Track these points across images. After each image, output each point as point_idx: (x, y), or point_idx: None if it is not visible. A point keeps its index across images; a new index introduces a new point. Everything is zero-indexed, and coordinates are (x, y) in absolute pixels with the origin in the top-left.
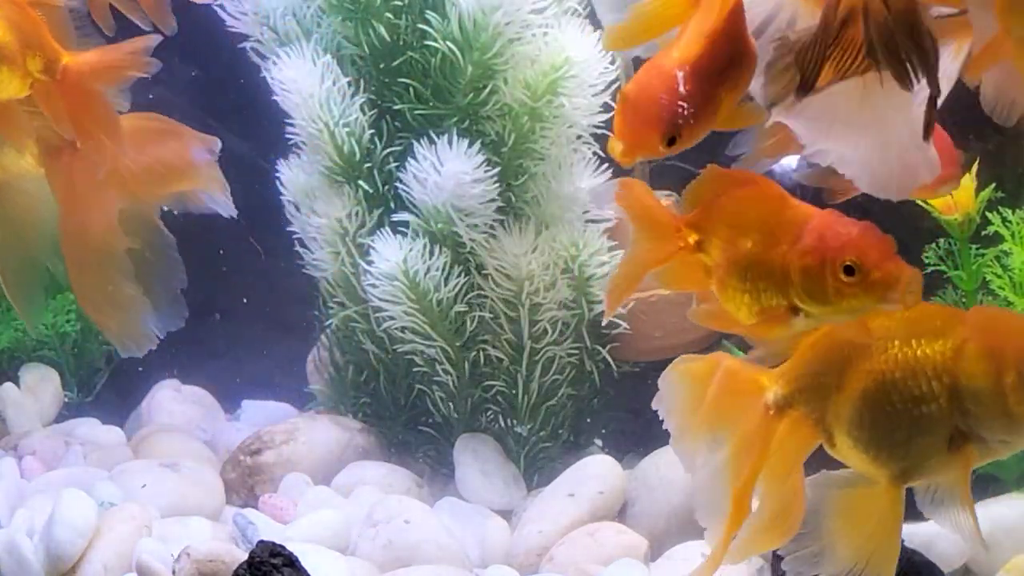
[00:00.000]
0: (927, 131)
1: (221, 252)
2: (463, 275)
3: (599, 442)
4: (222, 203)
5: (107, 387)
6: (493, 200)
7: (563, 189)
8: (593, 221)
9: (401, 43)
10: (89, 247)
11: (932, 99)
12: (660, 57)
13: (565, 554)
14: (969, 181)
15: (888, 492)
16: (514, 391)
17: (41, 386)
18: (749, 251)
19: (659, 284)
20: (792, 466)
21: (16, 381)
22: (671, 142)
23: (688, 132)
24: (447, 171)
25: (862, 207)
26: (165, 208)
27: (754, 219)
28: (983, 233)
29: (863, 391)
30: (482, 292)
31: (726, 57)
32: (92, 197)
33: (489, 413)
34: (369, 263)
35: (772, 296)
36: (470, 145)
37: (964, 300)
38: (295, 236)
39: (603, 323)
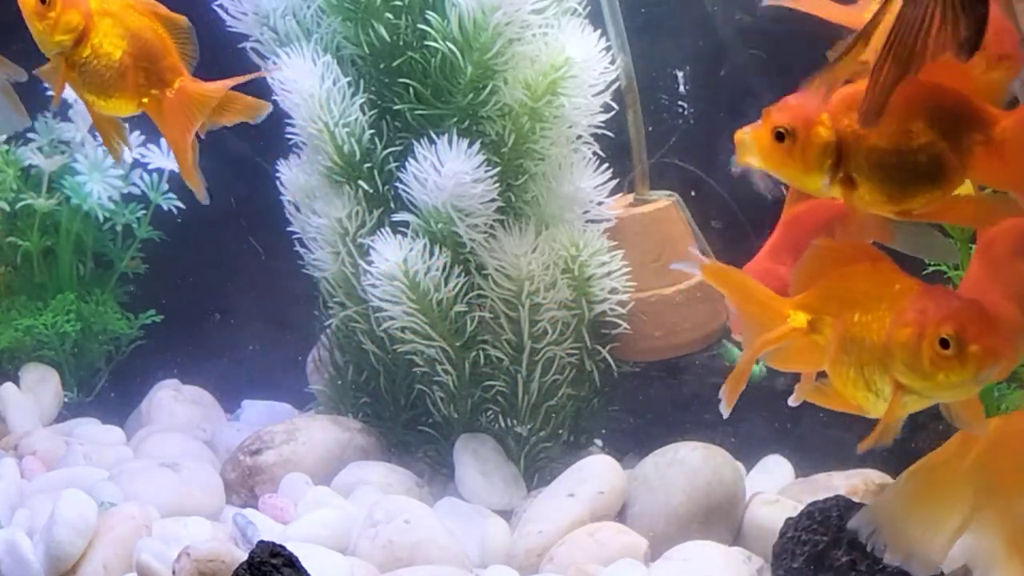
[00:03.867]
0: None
1: (221, 251)
2: (463, 275)
3: (599, 442)
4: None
5: (107, 387)
6: (493, 200)
7: (563, 189)
8: (593, 221)
9: (401, 43)
10: None
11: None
12: None
13: (565, 554)
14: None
15: None
16: (514, 391)
17: (41, 386)
18: (856, 327)
19: (773, 365)
20: None
21: (16, 381)
22: None
23: None
24: (447, 171)
25: None
26: (165, 208)
27: (862, 295)
28: None
29: None
30: (482, 292)
31: None
32: None
33: (489, 413)
34: (369, 263)
35: (876, 372)
36: (470, 145)
37: None
38: (295, 236)
39: (603, 323)
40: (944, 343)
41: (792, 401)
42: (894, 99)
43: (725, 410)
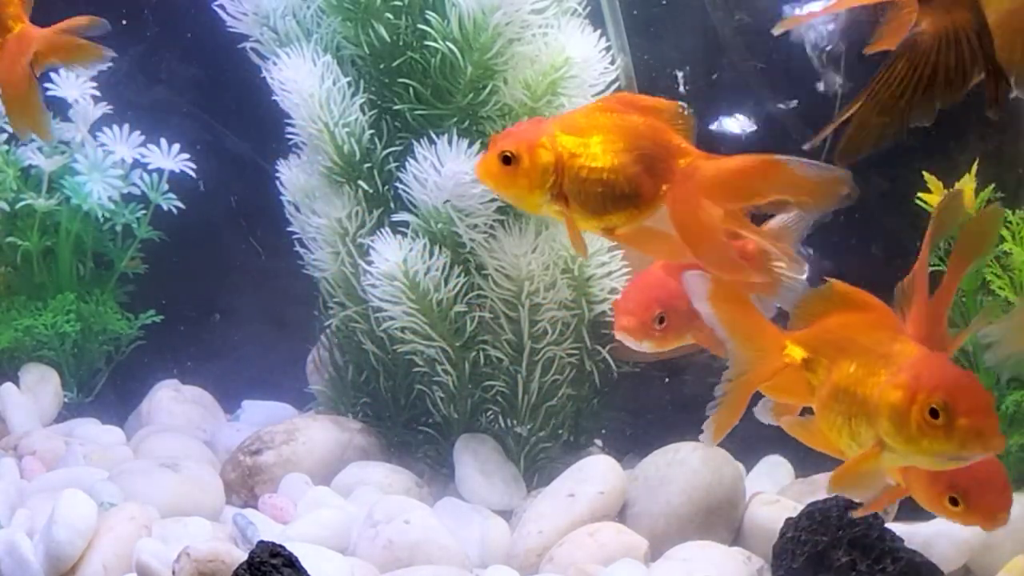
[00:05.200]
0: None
1: (221, 252)
2: (463, 275)
3: (599, 442)
4: None
5: (107, 387)
6: (493, 200)
7: None
8: None
9: (401, 43)
10: None
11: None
12: None
13: (565, 554)
14: (969, 181)
15: None
16: (514, 391)
17: (41, 386)
18: (850, 378)
19: (763, 392)
20: None
21: (16, 381)
22: None
23: None
24: (447, 171)
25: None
26: (165, 208)
27: (862, 347)
28: None
29: None
30: (482, 292)
31: None
32: None
33: (489, 413)
34: (369, 263)
35: (862, 425)
36: (470, 145)
37: (964, 300)
38: (295, 236)
39: (603, 323)
40: (934, 412)
41: (762, 418)
42: (606, 126)
43: (709, 443)
